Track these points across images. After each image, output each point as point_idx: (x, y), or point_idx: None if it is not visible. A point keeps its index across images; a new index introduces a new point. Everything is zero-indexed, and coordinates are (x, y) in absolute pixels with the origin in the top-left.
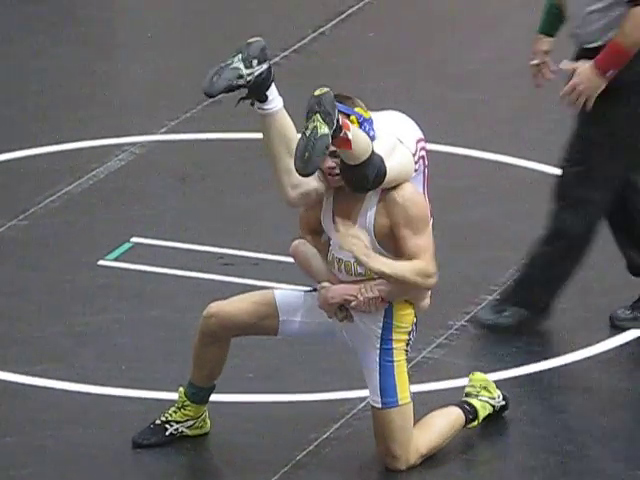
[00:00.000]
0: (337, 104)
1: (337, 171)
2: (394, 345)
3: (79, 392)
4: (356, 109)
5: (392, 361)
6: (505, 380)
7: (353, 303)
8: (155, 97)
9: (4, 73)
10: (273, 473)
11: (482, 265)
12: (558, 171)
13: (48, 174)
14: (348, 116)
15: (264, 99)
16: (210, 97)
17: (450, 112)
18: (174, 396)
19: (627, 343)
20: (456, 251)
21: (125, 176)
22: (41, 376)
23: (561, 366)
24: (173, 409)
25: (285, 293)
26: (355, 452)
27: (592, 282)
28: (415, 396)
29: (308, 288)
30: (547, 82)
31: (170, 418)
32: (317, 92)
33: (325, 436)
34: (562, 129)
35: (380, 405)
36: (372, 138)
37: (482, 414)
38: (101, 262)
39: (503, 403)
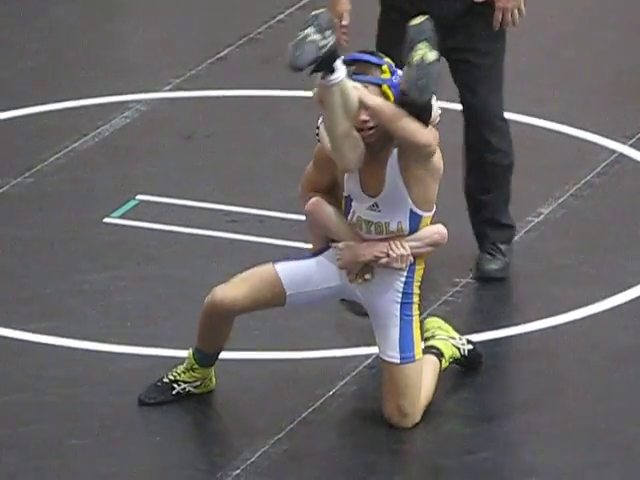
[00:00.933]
0: (369, 56)
1: (371, 124)
2: (414, 299)
3: (84, 349)
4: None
5: (411, 315)
6: (510, 337)
7: (384, 260)
8: (160, 54)
9: (8, 32)
10: (278, 430)
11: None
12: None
13: (53, 132)
14: (380, 66)
15: (333, 70)
16: (299, 71)
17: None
18: (179, 353)
19: (635, 299)
20: (461, 208)
21: (130, 133)
22: (46, 333)
23: (567, 323)
24: (182, 369)
25: (288, 266)
26: (361, 409)
27: (597, 239)
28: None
29: (307, 254)
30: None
31: (178, 378)
32: (415, 22)
33: (331, 393)
34: (568, 86)
35: (399, 360)
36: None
37: (447, 352)
38: (106, 220)
39: (471, 347)
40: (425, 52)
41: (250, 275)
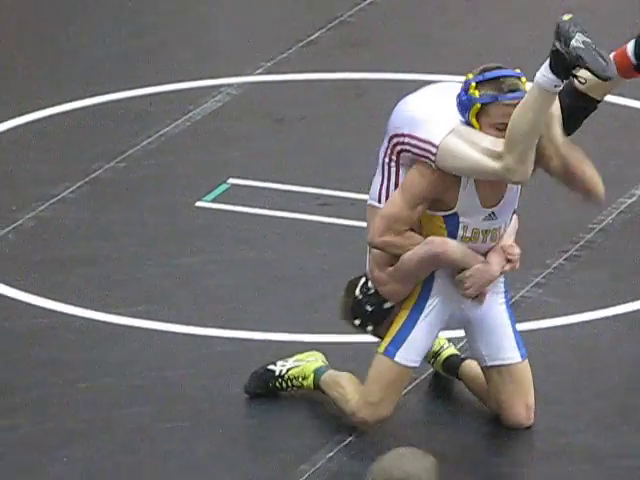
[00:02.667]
0: (509, 70)
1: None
2: (510, 295)
3: (177, 333)
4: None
5: (514, 312)
6: (603, 319)
7: (508, 267)
8: (251, 38)
9: (100, 16)
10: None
11: (580, 204)
12: None
13: (145, 116)
14: (520, 78)
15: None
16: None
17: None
18: (270, 336)
19: None
20: (553, 190)
21: (222, 117)
22: (139, 317)
23: None
24: (295, 373)
25: (404, 350)
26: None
27: None
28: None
29: (407, 320)
30: None
31: (288, 377)
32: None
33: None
34: None
35: (520, 358)
36: None
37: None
38: (198, 203)
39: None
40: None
41: (384, 385)
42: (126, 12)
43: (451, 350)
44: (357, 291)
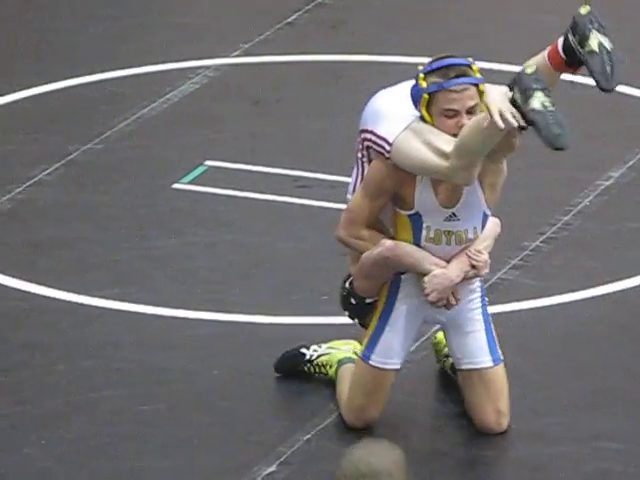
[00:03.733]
0: (457, 59)
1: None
2: (486, 299)
3: (155, 315)
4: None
5: (489, 315)
6: (580, 301)
7: (471, 272)
8: (228, 20)
9: None
10: None
11: (558, 186)
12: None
13: (122, 98)
14: (470, 66)
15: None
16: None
17: (527, 32)
18: (249, 319)
19: None
20: (532, 172)
21: (199, 99)
22: (118, 299)
23: (637, 287)
24: (324, 361)
25: (379, 354)
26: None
27: None
28: (491, 318)
29: (378, 322)
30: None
31: (317, 363)
32: (583, 11)
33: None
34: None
35: (492, 363)
36: None
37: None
38: (176, 185)
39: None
40: (601, 40)
41: (365, 390)
42: None
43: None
44: (346, 283)
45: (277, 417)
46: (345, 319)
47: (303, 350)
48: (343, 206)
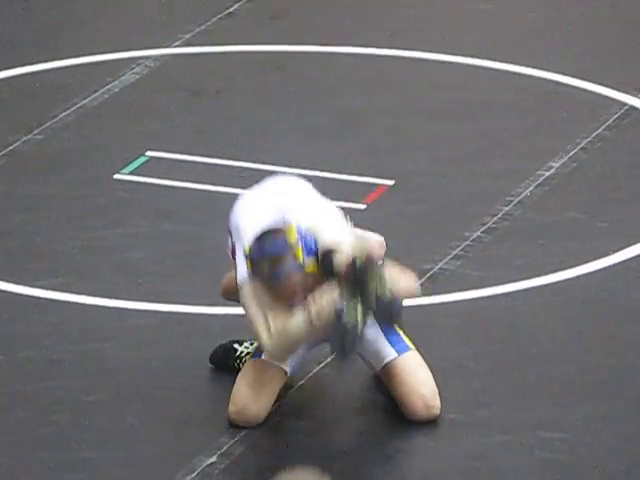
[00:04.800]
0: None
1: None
2: None
3: (96, 306)
4: (288, 231)
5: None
6: (521, 291)
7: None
8: (169, 10)
9: None
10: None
11: (498, 176)
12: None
13: (63, 88)
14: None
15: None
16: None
17: (466, 22)
18: (190, 309)
19: None
20: (472, 162)
21: (140, 90)
22: (58, 290)
23: (578, 277)
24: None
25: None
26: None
27: (608, 193)
28: (432, 308)
29: None
30: None
31: (244, 360)
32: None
33: None
34: (579, 40)
35: (396, 354)
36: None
37: None
38: (117, 176)
39: None
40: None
41: (262, 383)
42: None
43: None
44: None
45: (218, 408)
46: None
47: (236, 346)
48: None
